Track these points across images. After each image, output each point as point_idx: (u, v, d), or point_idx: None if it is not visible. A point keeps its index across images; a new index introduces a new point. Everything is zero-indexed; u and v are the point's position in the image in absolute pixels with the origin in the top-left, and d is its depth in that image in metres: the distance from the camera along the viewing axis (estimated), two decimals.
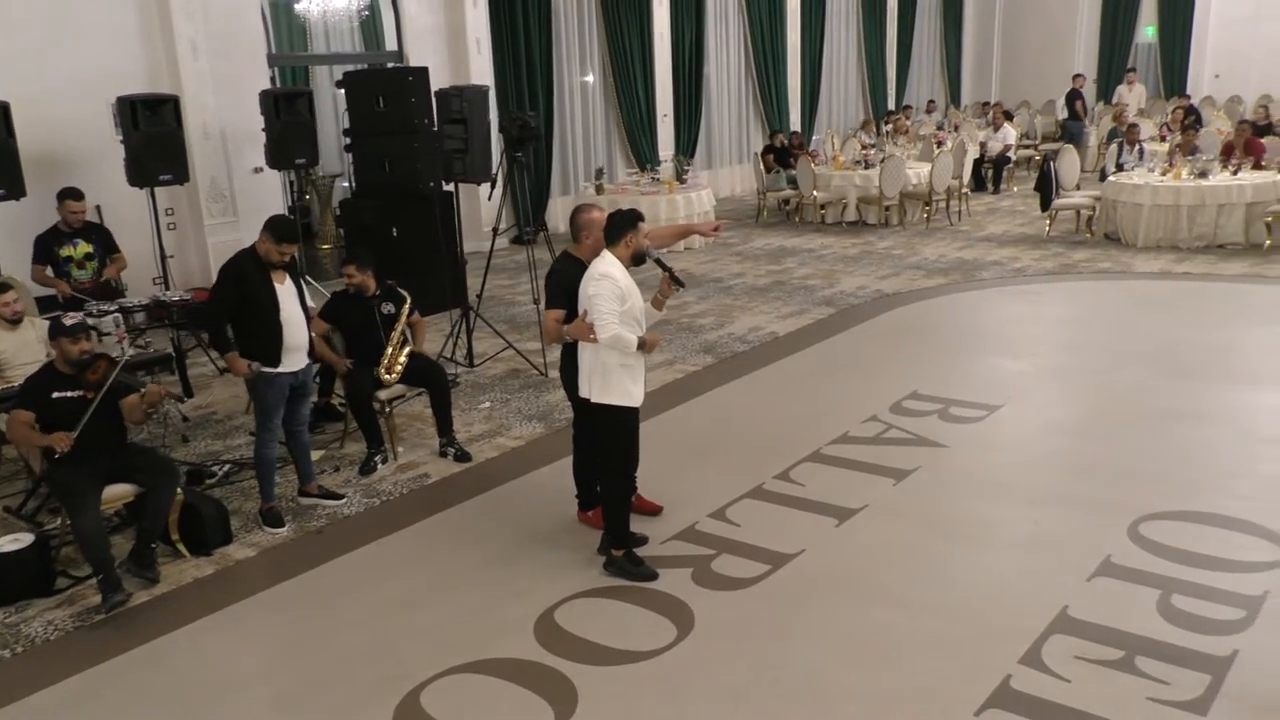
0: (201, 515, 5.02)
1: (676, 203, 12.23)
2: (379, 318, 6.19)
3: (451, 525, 5.34)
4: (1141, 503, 5.09)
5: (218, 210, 10.09)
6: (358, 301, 6.22)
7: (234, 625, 4.42)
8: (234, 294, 5.00)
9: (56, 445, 4.47)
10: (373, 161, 9.27)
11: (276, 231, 4.96)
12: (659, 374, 7.58)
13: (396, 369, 6.09)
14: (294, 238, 5.03)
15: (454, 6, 12.19)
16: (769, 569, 4.67)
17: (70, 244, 7.22)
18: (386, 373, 6.06)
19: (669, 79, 15.14)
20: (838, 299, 9.57)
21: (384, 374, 6.06)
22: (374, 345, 6.13)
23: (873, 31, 19.71)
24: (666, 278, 4.65)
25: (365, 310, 6.19)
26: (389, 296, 6.30)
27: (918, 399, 6.75)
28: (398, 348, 6.14)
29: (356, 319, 6.20)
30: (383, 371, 6.06)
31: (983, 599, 4.33)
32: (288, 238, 4.98)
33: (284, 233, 4.97)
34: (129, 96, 7.84)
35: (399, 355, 6.13)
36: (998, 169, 15.73)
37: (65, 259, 7.19)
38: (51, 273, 7.11)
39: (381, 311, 6.22)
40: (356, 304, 6.23)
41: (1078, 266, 10.39)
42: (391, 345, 6.14)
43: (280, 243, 4.96)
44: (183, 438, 6.63)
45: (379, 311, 6.21)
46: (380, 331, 6.17)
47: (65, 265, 7.18)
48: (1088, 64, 20.86)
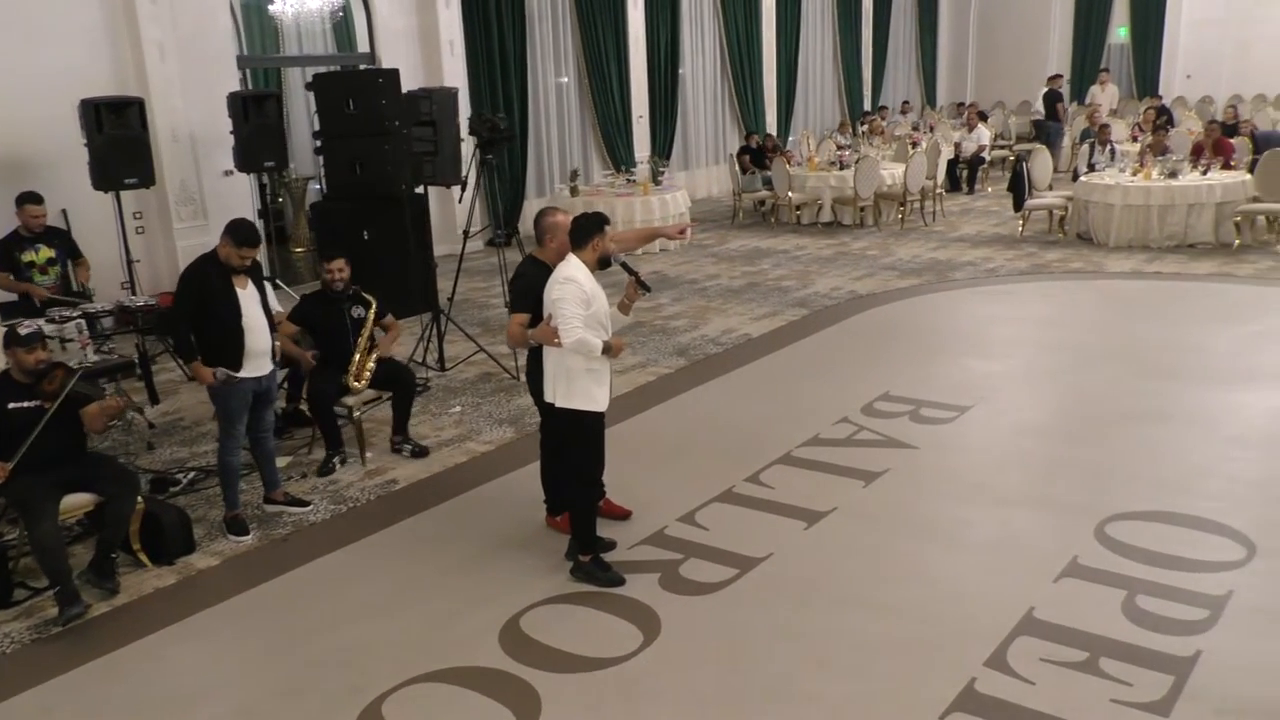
0: (163, 524, 4.95)
1: (651, 204, 12.22)
2: (349, 321, 6.13)
3: (419, 532, 5.29)
4: (1109, 503, 5.11)
5: (187, 214, 9.98)
6: (329, 305, 6.14)
7: (195, 636, 4.36)
8: (195, 300, 4.93)
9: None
10: (343, 164, 9.18)
11: (237, 235, 4.90)
12: (631, 376, 7.56)
13: (365, 376, 6.03)
14: (254, 241, 4.96)
15: (426, 8, 12.12)
16: (737, 573, 4.66)
17: (31, 249, 7.13)
18: (355, 379, 6.00)
19: (644, 80, 15.11)
20: (812, 300, 9.57)
21: (352, 380, 6.00)
22: (344, 350, 6.06)
23: (848, 32, 19.75)
24: (632, 282, 4.63)
25: (336, 314, 6.12)
26: (357, 300, 6.24)
27: (889, 400, 6.76)
28: (365, 354, 6.07)
29: (327, 322, 6.12)
30: (350, 379, 5.99)
31: (949, 601, 4.33)
32: (248, 242, 4.92)
33: (244, 237, 4.91)
34: (93, 99, 7.73)
35: (367, 361, 6.06)
36: (972, 169, 15.79)
37: (27, 264, 7.10)
38: (13, 279, 7.02)
39: (351, 315, 6.16)
40: (328, 307, 6.14)
41: (1050, 266, 10.44)
42: (359, 351, 6.07)
43: (241, 247, 4.90)
44: (148, 445, 6.55)
45: (349, 315, 6.15)
46: (350, 336, 6.11)
47: (27, 271, 7.09)
48: (1061, 65, 20.98)
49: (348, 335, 6.09)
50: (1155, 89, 20.08)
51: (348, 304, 6.16)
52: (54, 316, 6.32)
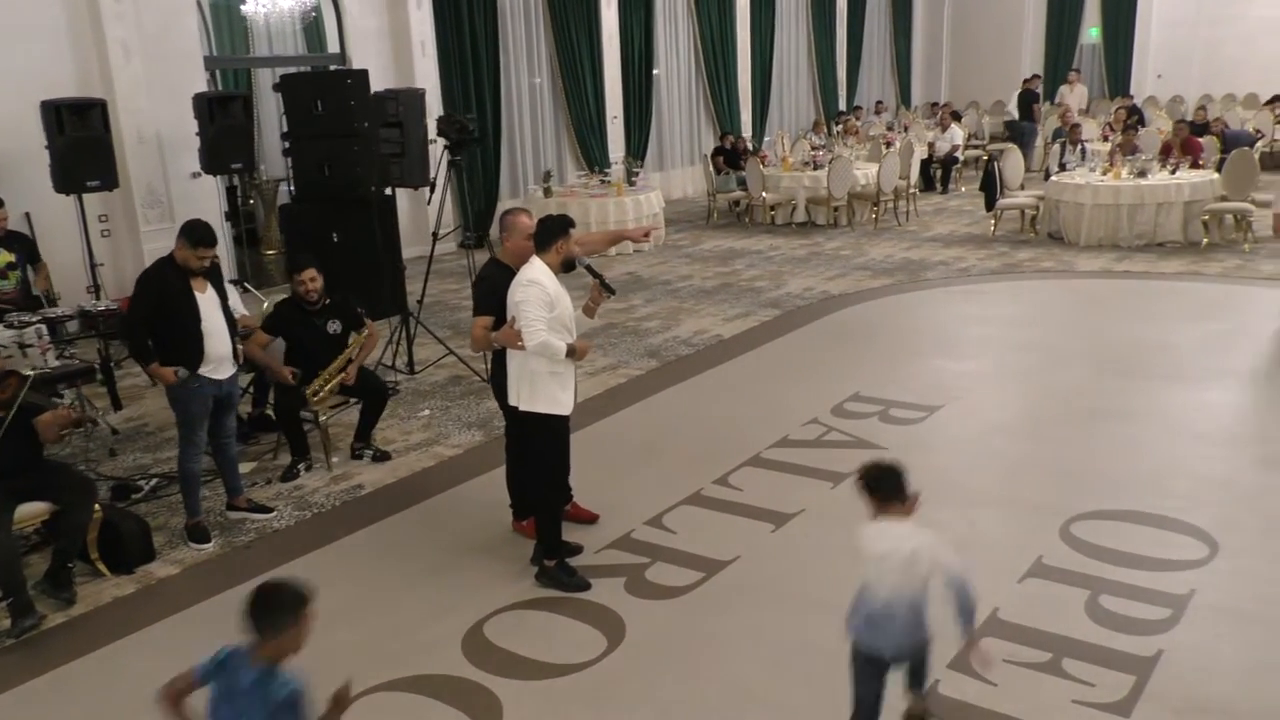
0: (121, 533, 4.88)
1: (625, 205, 12.19)
2: (324, 336, 5.96)
3: (384, 537, 5.24)
4: (1074, 502, 5.12)
5: (154, 216, 9.87)
6: (304, 316, 5.97)
7: (153, 647, 4.29)
8: (153, 304, 4.87)
9: None
10: (312, 166, 9.09)
11: (192, 236, 4.84)
12: (602, 378, 7.53)
13: (324, 396, 5.87)
14: (211, 241, 4.89)
15: (397, 8, 12.05)
16: (703, 576, 4.63)
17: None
18: (313, 396, 5.84)
19: (618, 81, 15.09)
20: (784, 301, 9.57)
21: (312, 399, 5.84)
22: (316, 364, 5.91)
23: (823, 32, 19.80)
24: (597, 285, 4.61)
25: (311, 327, 5.96)
26: (339, 313, 6.05)
27: (859, 401, 6.75)
28: (333, 375, 5.90)
29: (300, 335, 5.96)
30: (310, 396, 5.83)
31: None
32: (204, 241, 4.85)
33: (200, 237, 4.85)
34: (54, 100, 7.62)
35: (333, 380, 5.89)
36: (945, 169, 15.86)
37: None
38: None
39: (327, 330, 6.00)
40: (303, 319, 5.97)
41: (1021, 266, 10.49)
42: (328, 373, 5.88)
43: (197, 247, 4.84)
44: (110, 451, 6.46)
45: (325, 330, 5.98)
46: (324, 352, 5.92)
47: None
48: (1034, 65, 21.11)
49: (321, 350, 5.94)
50: (1127, 89, 20.25)
51: (324, 317, 6.00)
52: (12, 322, 6.21)
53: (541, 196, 12.36)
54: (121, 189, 9.51)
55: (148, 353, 4.99)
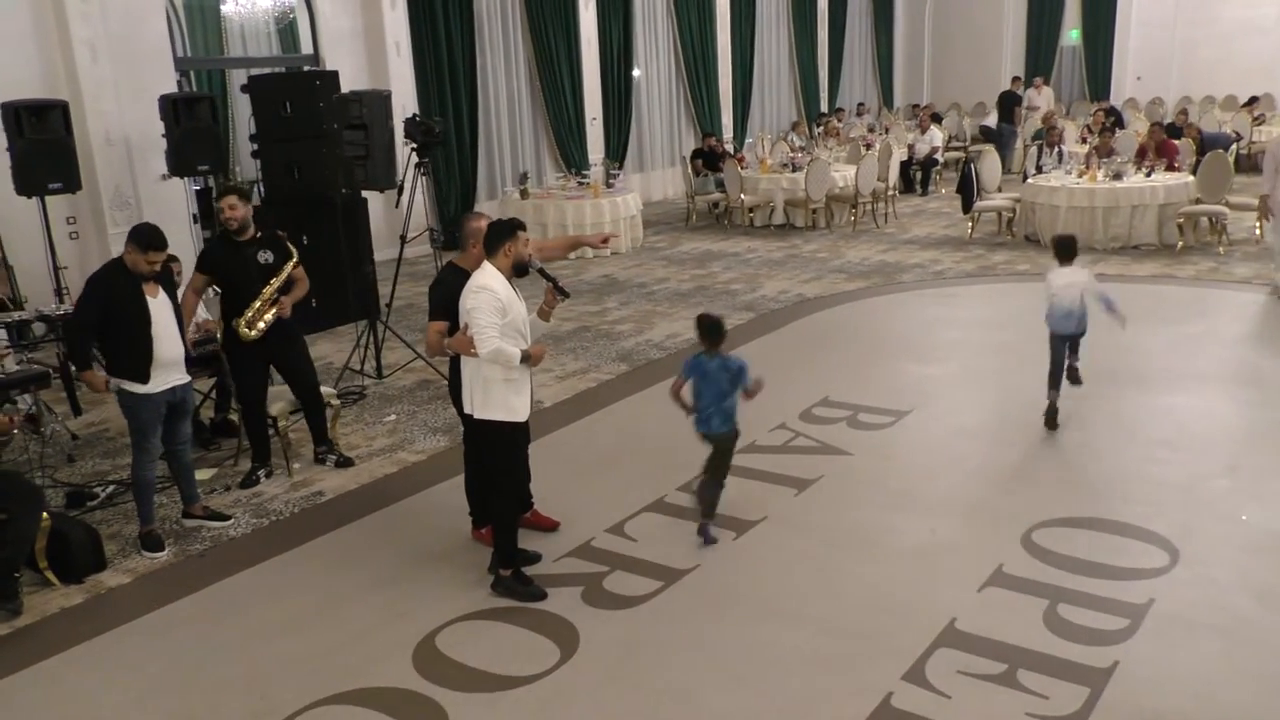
0: (70, 541, 4.79)
1: (602, 207, 12.14)
2: (255, 267, 5.68)
3: (341, 545, 5.17)
4: (1037, 509, 5.08)
5: (123, 218, 9.72)
6: (234, 247, 5.70)
7: (98, 659, 4.22)
8: (100, 307, 4.80)
9: None
10: (281, 168, 9.03)
11: (142, 240, 4.77)
12: (571, 383, 7.47)
13: (259, 326, 5.62)
14: (160, 245, 4.82)
15: (371, 9, 11.98)
16: (661, 585, 4.58)
17: None
18: (247, 327, 5.59)
19: (597, 82, 15.04)
20: (759, 304, 9.53)
21: (243, 326, 5.59)
22: (247, 296, 5.65)
23: (804, 33, 19.78)
24: (550, 288, 4.55)
25: (242, 257, 5.67)
26: (270, 245, 5.78)
27: (828, 406, 6.72)
28: (266, 303, 5.66)
29: (232, 266, 5.67)
30: (242, 324, 5.59)
31: (871, 613, 4.27)
32: (154, 245, 4.79)
33: (150, 240, 4.78)
34: (13, 102, 7.52)
35: (265, 311, 5.65)
36: (925, 171, 15.85)
37: None
38: None
39: (258, 260, 5.71)
40: (233, 250, 5.70)
41: (996, 269, 10.47)
42: (260, 299, 5.64)
43: (147, 251, 4.77)
44: (69, 457, 6.38)
45: (256, 260, 5.70)
46: (254, 282, 5.65)
47: None
48: (1015, 67, 21.15)
49: (252, 281, 5.66)
50: (1107, 91, 20.31)
51: (255, 248, 5.71)
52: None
53: (518, 198, 12.30)
54: (89, 191, 9.43)
55: (84, 357, 4.92)
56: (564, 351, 8.26)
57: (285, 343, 5.74)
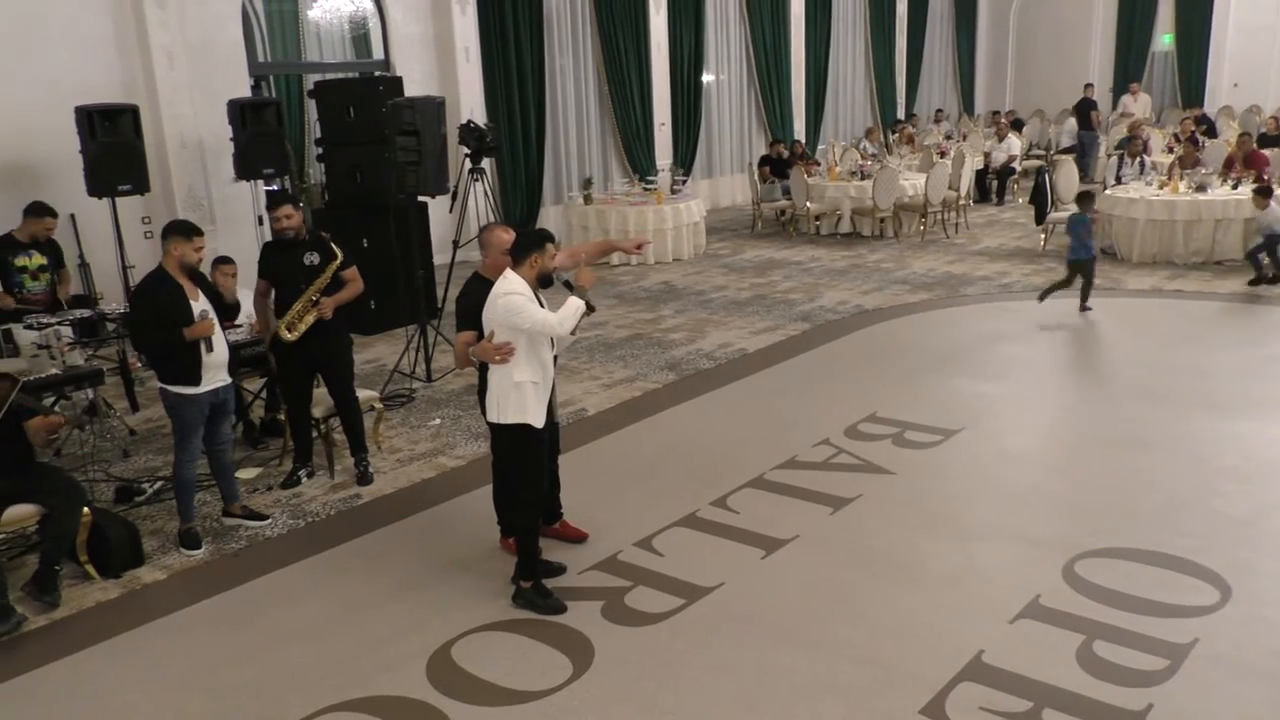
0: (109, 537, 4.91)
1: (665, 214, 12.09)
2: (301, 270, 5.77)
3: (371, 549, 5.20)
4: (1081, 538, 4.87)
5: (195, 219, 9.92)
6: (285, 250, 5.81)
7: (125, 654, 4.31)
8: (148, 319, 4.93)
9: None
10: (344, 172, 9.20)
11: (184, 229, 4.95)
12: (617, 391, 7.43)
13: (300, 328, 5.69)
14: (201, 230, 5.00)
15: (442, 14, 12.12)
16: (683, 603, 4.50)
17: (25, 254, 7.21)
18: (287, 329, 5.68)
19: (666, 87, 14.99)
20: (815, 314, 9.36)
21: (283, 329, 5.68)
22: (293, 298, 5.75)
23: (881, 39, 19.45)
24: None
25: (289, 259, 5.78)
26: (316, 246, 5.86)
27: (875, 422, 6.55)
28: (307, 304, 5.72)
29: (282, 268, 5.79)
30: (283, 326, 5.68)
31: (895, 641, 4.13)
32: (197, 230, 4.97)
33: (190, 227, 4.96)
34: (87, 106, 7.80)
35: (306, 313, 5.71)
36: (1001, 180, 15.43)
37: (19, 269, 7.18)
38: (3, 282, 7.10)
39: (304, 262, 5.79)
40: (283, 252, 5.82)
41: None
42: (301, 301, 5.72)
43: (192, 237, 4.93)
44: (124, 452, 6.57)
45: (301, 262, 5.79)
46: (300, 283, 5.75)
47: (18, 275, 7.16)
48: (1103, 72, 20.50)
49: (297, 283, 5.74)
50: (1201, 98, 19.50)
51: (302, 250, 5.80)
52: (32, 324, 6.35)
53: (581, 203, 12.32)
54: (164, 192, 9.75)
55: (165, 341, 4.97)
56: (612, 359, 8.23)
57: (324, 346, 5.78)
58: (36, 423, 4.60)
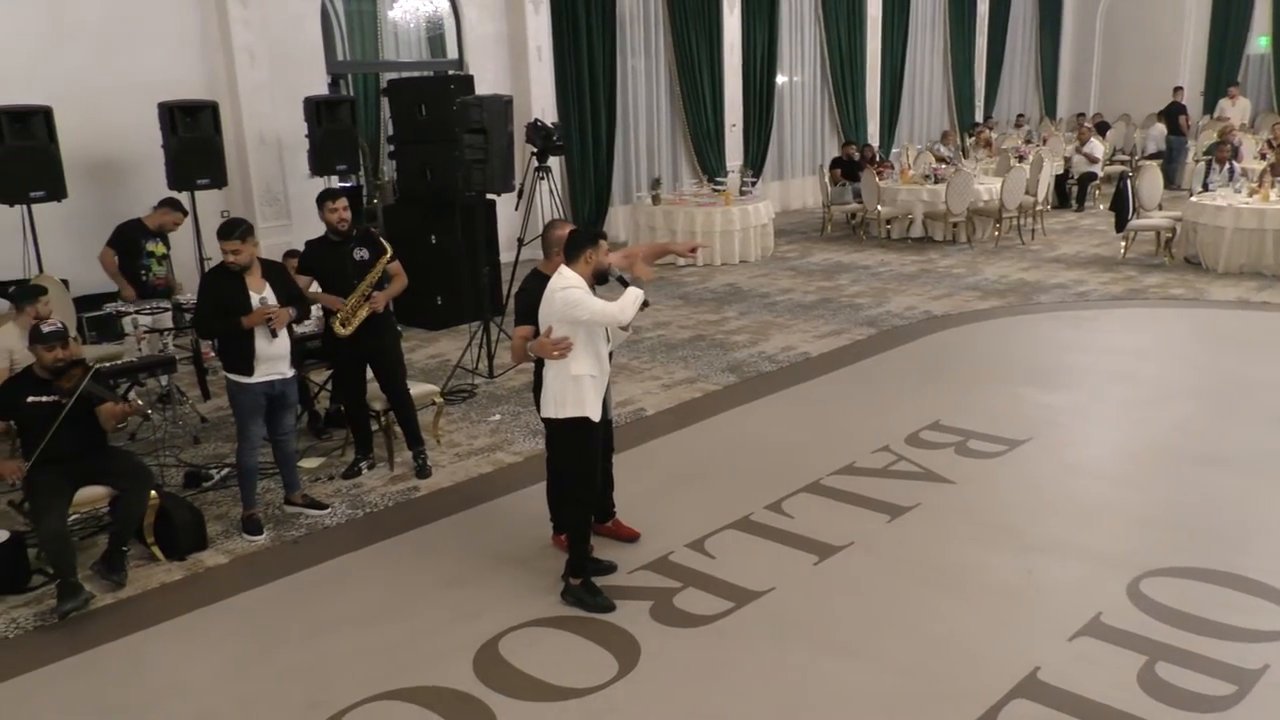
0: (175, 521, 5.05)
1: (733, 215, 12.02)
2: (351, 264, 5.82)
3: (426, 541, 5.27)
4: (1149, 556, 4.70)
5: (271, 214, 10.30)
6: (333, 245, 5.85)
7: (183, 635, 4.42)
8: (211, 307, 5.05)
9: (6, 476, 4.58)
10: (415, 169, 9.33)
11: (219, 232, 5.05)
12: (676, 392, 7.41)
13: (353, 323, 5.76)
14: (225, 234, 5.01)
15: (515, 14, 12.23)
16: (731, 606, 4.46)
17: (153, 241, 7.49)
18: (341, 324, 5.74)
19: (738, 88, 14.92)
20: (882, 319, 9.22)
21: (337, 324, 5.75)
22: (345, 293, 5.79)
23: (961, 40, 19.09)
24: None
25: (339, 255, 5.82)
26: (365, 241, 5.90)
27: (938, 430, 6.42)
28: (360, 299, 5.78)
29: (330, 264, 5.84)
30: (337, 323, 5.75)
31: (947, 654, 4.04)
32: (220, 234, 5.03)
33: (220, 231, 5.04)
34: (169, 102, 8.04)
35: (359, 308, 5.77)
36: (1082, 185, 15.01)
37: (149, 254, 7.44)
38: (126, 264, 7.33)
39: (354, 257, 5.84)
40: (331, 248, 5.86)
41: (1147, 292, 9.79)
42: (355, 296, 5.77)
43: (221, 241, 5.02)
44: (194, 439, 6.76)
45: (351, 257, 5.83)
46: (351, 279, 5.80)
47: (146, 260, 7.43)
48: (1194, 76, 19.81)
49: (348, 278, 5.80)
50: None
51: (351, 245, 5.85)
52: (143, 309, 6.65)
53: (649, 204, 12.32)
54: (243, 187, 10.02)
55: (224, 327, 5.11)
56: (674, 360, 8.21)
57: (376, 340, 5.86)
58: (107, 409, 4.75)
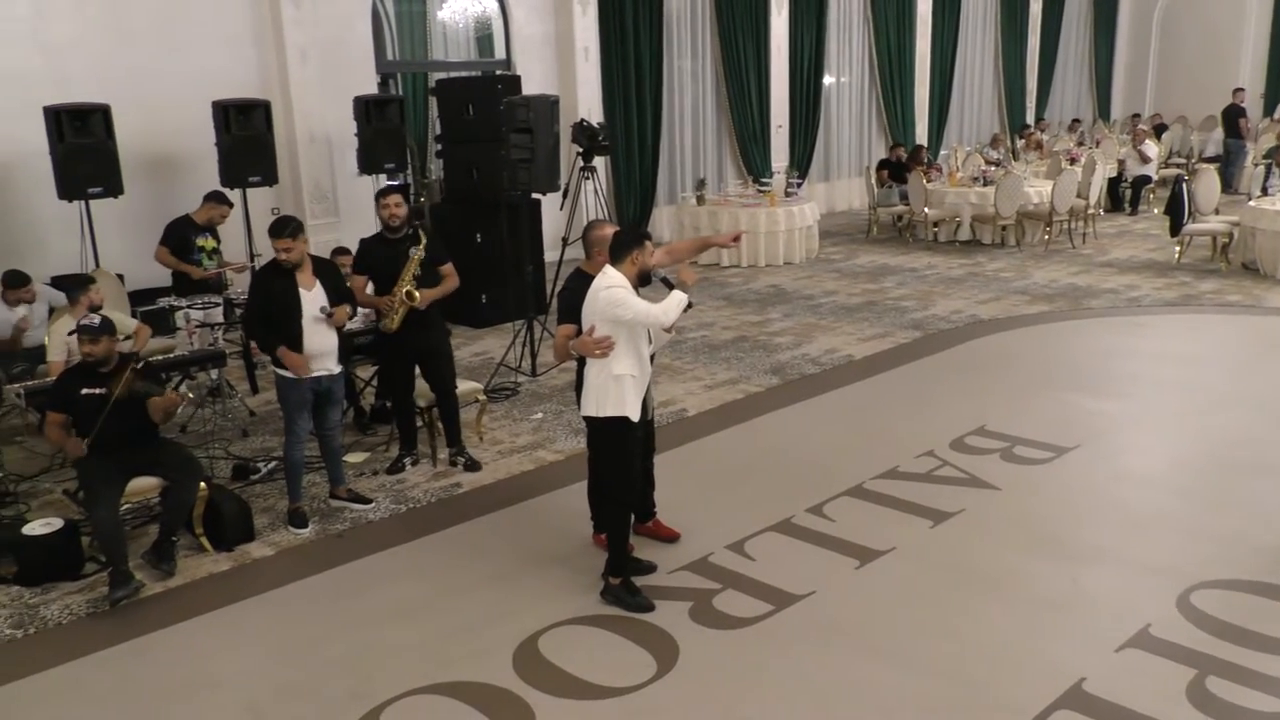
0: (223, 513, 5.14)
1: (777, 216, 11.97)
2: (405, 261, 5.81)
3: (468, 537, 5.31)
4: (1202, 568, 4.60)
5: (320, 211, 10.44)
6: (388, 245, 5.87)
7: (231, 624, 4.50)
8: (261, 302, 5.13)
9: (70, 451, 4.69)
10: (462, 168, 9.41)
11: (270, 230, 5.14)
12: (718, 393, 7.39)
13: (395, 318, 5.77)
14: (276, 232, 5.08)
15: (563, 15, 12.28)
16: (771, 609, 4.44)
17: (203, 236, 7.63)
18: (386, 321, 5.79)
19: (785, 89, 14.85)
20: (927, 323, 9.12)
21: (385, 323, 5.80)
22: None
23: (1012, 40, 18.83)
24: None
25: (395, 252, 5.82)
26: (418, 240, 5.90)
27: (983, 435, 6.34)
28: (400, 293, 5.77)
29: (384, 260, 5.84)
30: (385, 319, 5.80)
31: (989, 662, 3.98)
32: (272, 232, 5.12)
33: (271, 229, 5.13)
34: (222, 101, 8.18)
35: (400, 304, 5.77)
36: (1136, 189, 14.73)
37: (199, 249, 7.60)
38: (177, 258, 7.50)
39: (409, 255, 5.84)
40: (388, 246, 5.87)
41: (1202, 298, 9.59)
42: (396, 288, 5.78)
43: (273, 239, 5.10)
44: (243, 432, 6.86)
45: (406, 254, 5.83)
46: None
47: (197, 255, 7.58)
48: (1254, 77, 19.36)
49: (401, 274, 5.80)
50: None
51: (407, 243, 5.86)
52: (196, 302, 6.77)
53: (694, 204, 12.31)
54: (293, 185, 10.17)
55: (265, 343, 5.23)
56: (716, 361, 8.19)
57: (426, 338, 5.92)
58: (156, 401, 4.84)
